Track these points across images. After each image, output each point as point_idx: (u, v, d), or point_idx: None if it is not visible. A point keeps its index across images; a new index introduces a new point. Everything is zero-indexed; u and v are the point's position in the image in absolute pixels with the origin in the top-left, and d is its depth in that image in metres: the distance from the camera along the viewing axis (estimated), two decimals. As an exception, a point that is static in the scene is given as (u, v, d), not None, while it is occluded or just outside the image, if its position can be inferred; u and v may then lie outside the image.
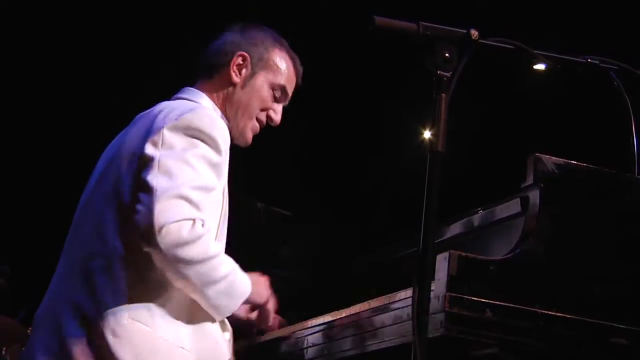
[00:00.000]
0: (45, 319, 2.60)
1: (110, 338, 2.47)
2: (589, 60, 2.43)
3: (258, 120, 2.85)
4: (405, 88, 5.08)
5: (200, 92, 2.81)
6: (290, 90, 2.90)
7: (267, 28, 2.92)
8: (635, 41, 4.86)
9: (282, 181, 5.72)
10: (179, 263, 2.45)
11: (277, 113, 2.88)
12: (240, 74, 2.82)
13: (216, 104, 2.80)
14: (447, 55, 2.15)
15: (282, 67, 2.87)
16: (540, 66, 2.44)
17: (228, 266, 2.56)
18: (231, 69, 2.81)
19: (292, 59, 2.90)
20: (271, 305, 2.74)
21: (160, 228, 2.41)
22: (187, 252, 2.44)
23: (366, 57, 5.59)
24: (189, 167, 2.49)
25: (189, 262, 2.46)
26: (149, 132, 2.56)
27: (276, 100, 2.87)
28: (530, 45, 2.31)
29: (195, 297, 2.54)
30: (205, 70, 2.85)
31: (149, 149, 2.52)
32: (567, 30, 5.11)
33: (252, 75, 2.82)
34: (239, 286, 2.59)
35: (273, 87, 2.85)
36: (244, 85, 2.82)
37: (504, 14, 5.21)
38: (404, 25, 2.18)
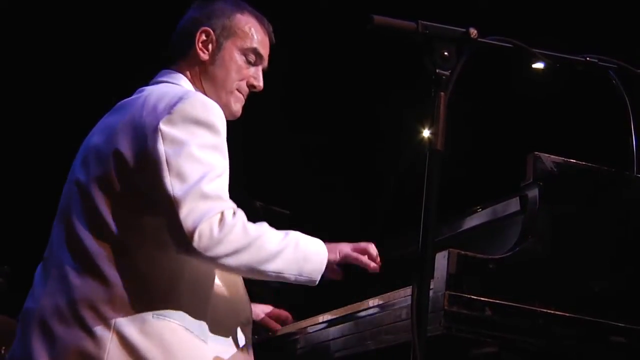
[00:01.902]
0: (45, 318, 2.53)
1: (138, 337, 2.45)
2: (587, 58, 2.43)
3: (240, 90, 2.82)
4: (405, 86, 5.08)
5: (178, 74, 2.78)
6: (264, 51, 2.85)
7: None
8: (634, 39, 4.86)
9: (281, 180, 5.72)
10: (224, 258, 2.44)
11: (257, 78, 2.84)
12: (207, 49, 2.78)
13: (195, 84, 2.77)
14: (445, 54, 2.15)
15: (249, 30, 2.82)
16: (539, 65, 2.44)
17: (283, 236, 2.55)
18: (197, 47, 2.78)
19: (257, 19, 2.86)
20: (364, 251, 2.71)
21: (192, 234, 2.39)
22: (227, 246, 2.43)
23: (365, 56, 5.59)
24: (197, 162, 2.47)
25: (234, 253, 2.44)
26: (142, 128, 2.52)
27: (252, 64, 2.83)
28: (529, 44, 2.31)
29: (269, 277, 2.53)
30: (177, 52, 2.82)
31: (151, 149, 2.48)
32: (565, 29, 5.11)
33: (219, 47, 2.79)
34: (309, 247, 2.59)
35: (245, 53, 2.81)
36: (213, 60, 2.78)
37: (502, 12, 5.21)
38: (403, 24, 2.18)
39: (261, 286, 2.86)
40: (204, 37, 2.79)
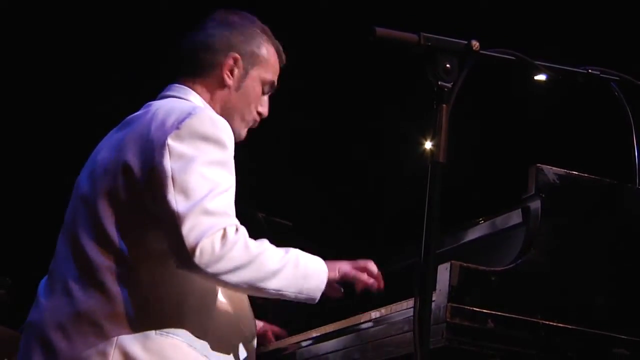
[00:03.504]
0: (46, 332, 2.52)
1: (141, 354, 2.44)
2: (589, 70, 2.43)
3: (251, 118, 2.80)
4: (407, 98, 5.08)
5: (188, 89, 2.74)
6: (276, 81, 2.84)
7: (251, 16, 2.83)
8: (636, 52, 4.87)
9: (283, 191, 5.72)
10: (225, 275, 2.43)
11: (264, 107, 2.82)
12: (232, 75, 2.74)
13: (208, 103, 2.73)
14: (447, 66, 2.15)
15: (272, 61, 2.81)
16: (541, 77, 2.44)
17: (284, 253, 2.53)
18: (224, 71, 2.73)
19: (276, 49, 2.84)
20: (363, 268, 2.67)
21: (194, 249, 2.38)
22: (228, 263, 2.41)
23: (367, 68, 5.60)
24: (203, 178, 2.46)
25: (235, 270, 2.43)
26: (150, 143, 2.51)
27: (263, 93, 2.82)
28: (531, 56, 2.31)
29: (269, 295, 2.52)
30: (192, 67, 2.76)
31: (158, 164, 2.47)
32: (568, 41, 5.11)
33: (244, 75, 2.76)
34: (309, 265, 2.57)
35: (263, 84, 2.79)
36: (238, 87, 2.75)
37: (505, 24, 5.22)
38: (405, 36, 2.18)
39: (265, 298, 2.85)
40: (231, 62, 2.74)
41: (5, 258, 5.54)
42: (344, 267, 2.66)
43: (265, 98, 2.83)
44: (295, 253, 2.57)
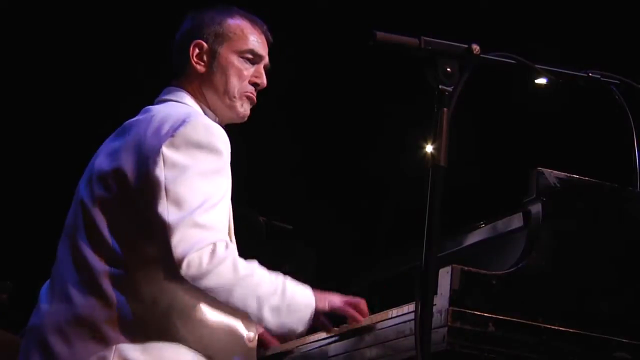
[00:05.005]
0: (46, 336, 2.53)
1: (140, 358, 2.45)
2: (590, 74, 2.44)
3: (244, 93, 2.81)
4: (408, 102, 5.08)
5: (182, 91, 2.78)
6: (261, 50, 2.84)
7: (218, 5, 2.87)
8: (637, 55, 4.87)
9: (284, 195, 5.72)
10: (210, 291, 2.43)
11: (259, 76, 2.83)
12: (202, 61, 2.79)
13: (198, 99, 2.78)
14: (448, 69, 2.15)
15: (241, 32, 2.82)
16: (541, 80, 2.44)
17: (272, 280, 2.52)
18: (192, 61, 2.79)
19: (249, 20, 2.86)
20: (354, 305, 2.65)
21: (181, 261, 2.38)
22: (214, 279, 2.41)
23: (368, 71, 5.60)
24: (196, 189, 2.47)
25: (220, 288, 2.43)
26: (145, 150, 2.52)
27: (252, 63, 2.83)
28: (531, 59, 2.31)
29: (252, 320, 2.52)
30: (177, 69, 2.83)
31: (152, 172, 2.48)
32: (568, 45, 5.11)
33: (214, 55, 2.79)
34: (296, 297, 2.54)
35: (241, 55, 2.81)
36: (211, 69, 2.79)
37: (505, 28, 5.22)
38: (405, 40, 2.19)
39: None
40: (197, 50, 2.80)
41: (6, 262, 5.54)
42: (335, 301, 2.63)
43: (256, 68, 2.83)
44: (283, 283, 2.54)
